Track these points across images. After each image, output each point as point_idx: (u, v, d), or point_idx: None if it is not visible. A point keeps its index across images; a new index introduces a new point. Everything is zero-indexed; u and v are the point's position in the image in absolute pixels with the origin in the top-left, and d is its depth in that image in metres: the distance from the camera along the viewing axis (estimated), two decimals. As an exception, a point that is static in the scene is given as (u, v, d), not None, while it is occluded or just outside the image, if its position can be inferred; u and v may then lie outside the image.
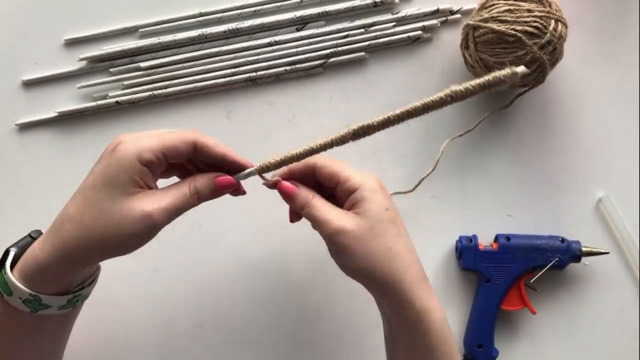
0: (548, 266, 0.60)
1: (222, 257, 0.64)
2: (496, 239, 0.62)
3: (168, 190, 0.46)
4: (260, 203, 0.61)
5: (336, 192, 0.50)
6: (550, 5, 0.56)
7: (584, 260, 0.62)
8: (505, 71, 0.39)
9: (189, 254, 0.64)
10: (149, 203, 0.44)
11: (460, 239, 0.62)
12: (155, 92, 0.64)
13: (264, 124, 0.65)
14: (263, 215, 0.63)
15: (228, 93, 0.65)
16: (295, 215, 0.53)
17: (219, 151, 0.47)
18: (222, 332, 0.63)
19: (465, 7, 0.64)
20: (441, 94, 0.41)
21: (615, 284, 0.63)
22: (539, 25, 0.56)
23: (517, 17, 0.56)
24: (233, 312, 0.63)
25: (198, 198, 0.47)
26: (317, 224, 0.48)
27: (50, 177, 0.64)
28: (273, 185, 0.50)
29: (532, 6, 0.56)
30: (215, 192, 0.48)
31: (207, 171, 0.48)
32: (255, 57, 0.64)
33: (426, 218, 0.64)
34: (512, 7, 0.56)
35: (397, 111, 0.44)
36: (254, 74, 0.64)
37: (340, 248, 0.47)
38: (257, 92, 0.65)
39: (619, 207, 0.63)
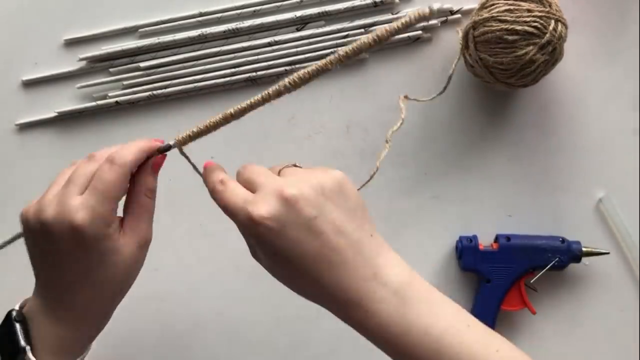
0: (548, 266, 0.60)
1: (222, 257, 0.64)
2: (496, 239, 0.62)
3: (134, 212, 0.46)
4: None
5: None
6: (550, 5, 0.56)
7: (584, 260, 0.62)
8: (416, 11, 0.37)
9: (189, 254, 0.64)
10: (135, 236, 0.45)
11: (461, 239, 0.62)
12: (155, 92, 0.64)
13: (264, 124, 0.65)
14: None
15: (228, 93, 0.65)
16: None
17: (141, 157, 0.46)
18: (222, 332, 0.63)
19: (465, 7, 0.64)
20: (366, 38, 0.39)
21: (615, 284, 0.63)
22: (539, 25, 0.55)
23: (517, 17, 0.56)
24: (233, 312, 0.63)
25: (154, 193, 0.47)
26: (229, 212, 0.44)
27: (50, 177, 0.64)
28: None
29: (532, 6, 0.56)
30: (156, 175, 0.48)
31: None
32: (255, 57, 0.64)
33: (426, 218, 0.64)
34: (512, 7, 0.56)
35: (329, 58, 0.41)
36: (254, 74, 0.64)
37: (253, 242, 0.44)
38: (257, 92, 0.65)
39: (619, 207, 0.63)
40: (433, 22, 0.64)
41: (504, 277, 0.61)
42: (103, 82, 0.64)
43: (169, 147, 0.47)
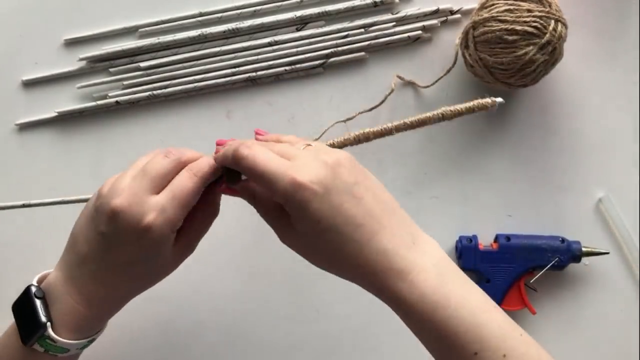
0: (548, 266, 0.60)
1: (222, 257, 0.64)
2: (496, 239, 0.62)
3: (192, 227, 0.48)
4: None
5: None
6: (550, 5, 0.56)
7: (584, 260, 0.62)
8: (485, 100, 0.41)
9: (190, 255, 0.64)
10: (187, 251, 0.48)
11: (460, 239, 0.62)
12: (155, 92, 0.64)
13: (264, 124, 0.65)
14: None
15: (228, 93, 0.65)
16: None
17: (218, 167, 0.46)
18: (222, 332, 0.63)
19: (465, 7, 0.64)
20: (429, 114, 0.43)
21: (615, 284, 0.63)
22: (539, 25, 0.56)
23: (517, 17, 0.56)
24: (233, 312, 0.63)
25: (217, 211, 0.49)
26: (267, 182, 0.42)
27: (50, 177, 0.64)
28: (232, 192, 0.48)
29: (532, 6, 0.56)
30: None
31: None
32: (255, 57, 0.64)
33: (426, 218, 0.63)
34: (512, 7, 0.56)
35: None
36: (253, 74, 0.64)
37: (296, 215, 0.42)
38: (257, 92, 0.65)
39: (619, 207, 0.63)
40: (433, 21, 0.64)
41: (503, 277, 0.61)
42: (103, 82, 0.64)
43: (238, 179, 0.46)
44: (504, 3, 0.57)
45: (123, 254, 0.45)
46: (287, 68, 0.64)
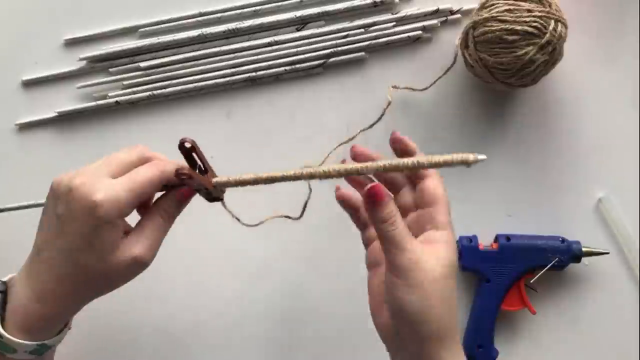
0: (548, 267, 0.60)
1: (222, 257, 0.64)
2: (496, 239, 0.62)
3: (144, 226, 0.47)
4: (260, 204, 0.61)
5: (416, 219, 0.48)
6: (550, 6, 0.56)
7: (584, 260, 0.62)
8: (461, 156, 0.43)
9: (189, 254, 0.64)
10: (135, 246, 0.46)
11: (460, 239, 0.62)
12: (155, 92, 0.64)
13: (264, 124, 0.65)
14: (263, 216, 0.63)
15: (228, 93, 0.65)
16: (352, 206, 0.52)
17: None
18: (222, 332, 0.63)
19: (465, 7, 0.64)
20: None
21: (615, 284, 0.63)
22: (539, 25, 0.56)
23: (517, 17, 0.56)
24: (233, 312, 0.63)
25: (171, 219, 0.48)
26: (397, 248, 0.44)
27: (50, 177, 0.64)
28: (357, 184, 0.49)
29: (532, 6, 0.56)
30: (181, 206, 0.49)
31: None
32: (255, 57, 0.64)
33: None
34: (512, 7, 0.56)
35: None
36: (254, 74, 0.64)
37: (415, 284, 0.44)
38: (257, 92, 0.65)
39: (619, 207, 0.63)
40: (433, 21, 0.64)
41: (503, 277, 0.61)
42: (103, 82, 0.64)
43: (205, 189, 0.47)
44: (504, 3, 0.57)
45: (72, 235, 0.44)
46: (287, 68, 0.64)
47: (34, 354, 0.47)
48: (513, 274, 0.61)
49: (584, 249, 0.61)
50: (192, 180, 0.46)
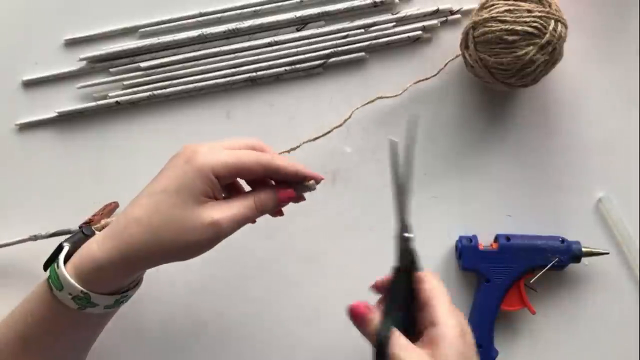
0: (548, 267, 0.60)
1: (222, 257, 0.63)
2: (496, 239, 0.62)
3: (234, 202, 0.48)
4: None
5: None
6: (550, 6, 0.56)
7: (584, 260, 0.62)
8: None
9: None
10: (218, 212, 0.46)
11: (460, 239, 0.62)
12: (155, 92, 0.64)
13: (264, 124, 0.65)
14: (263, 216, 0.63)
15: (228, 93, 0.65)
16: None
17: (291, 171, 0.50)
18: (222, 332, 0.63)
19: (465, 7, 0.64)
20: None
21: (615, 284, 0.63)
22: (539, 26, 0.56)
23: (517, 17, 0.56)
24: (233, 312, 0.63)
25: (262, 211, 0.49)
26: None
27: (50, 177, 0.64)
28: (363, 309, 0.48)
29: (532, 6, 0.56)
30: (277, 205, 0.50)
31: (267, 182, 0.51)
32: (256, 57, 0.64)
33: (426, 218, 0.63)
34: (511, 7, 0.56)
35: None
36: (254, 74, 0.64)
37: None
38: (257, 92, 0.65)
39: (619, 207, 0.63)
40: (433, 22, 0.64)
41: (503, 277, 0.61)
42: (103, 82, 0.64)
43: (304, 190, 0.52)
44: (504, 3, 0.57)
45: (165, 179, 0.46)
46: (287, 68, 0.64)
47: (77, 302, 0.47)
48: (513, 274, 0.61)
49: (584, 249, 0.61)
50: (301, 188, 0.50)
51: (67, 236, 0.51)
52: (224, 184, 0.48)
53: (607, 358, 0.63)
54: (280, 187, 0.51)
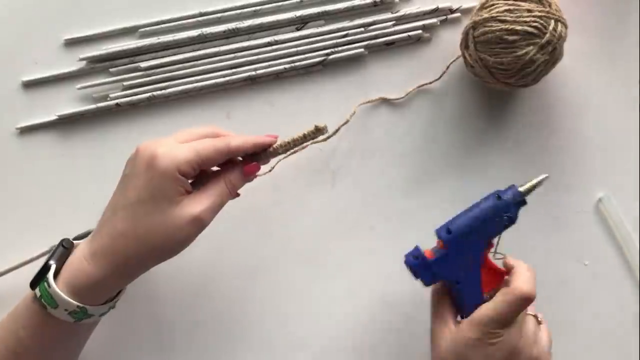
0: (502, 231, 0.54)
1: (221, 257, 0.64)
2: (438, 236, 0.54)
3: (207, 190, 0.50)
4: (260, 204, 0.62)
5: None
6: (550, 5, 0.56)
7: (584, 260, 0.62)
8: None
9: (189, 254, 0.64)
10: (195, 206, 0.48)
11: (407, 257, 0.54)
12: (155, 93, 0.64)
13: (264, 124, 0.65)
14: (263, 216, 0.63)
15: (228, 93, 0.65)
16: None
17: (249, 147, 0.51)
18: (222, 332, 0.63)
19: (465, 5, 0.64)
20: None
21: (615, 284, 0.63)
22: (539, 25, 0.55)
23: (517, 17, 0.56)
24: (233, 312, 0.63)
25: (235, 191, 0.52)
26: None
27: (51, 180, 0.64)
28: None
29: (532, 6, 0.56)
30: (247, 180, 0.53)
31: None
32: (255, 57, 0.64)
33: (426, 218, 0.62)
34: (512, 7, 0.56)
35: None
36: (253, 73, 0.64)
37: None
38: (257, 92, 0.65)
39: (619, 207, 0.63)
40: (432, 20, 0.64)
41: (468, 268, 0.53)
42: (103, 82, 0.64)
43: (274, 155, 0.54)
44: (504, 3, 0.57)
45: (134, 189, 0.47)
46: (286, 67, 0.64)
47: (73, 316, 0.48)
48: (475, 259, 0.53)
49: (521, 189, 0.54)
50: (265, 156, 0.52)
51: (48, 254, 0.51)
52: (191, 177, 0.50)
53: (607, 358, 0.63)
54: (245, 162, 0.53)
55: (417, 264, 0.53)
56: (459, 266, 0.53)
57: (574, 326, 0.63)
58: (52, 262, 0.48)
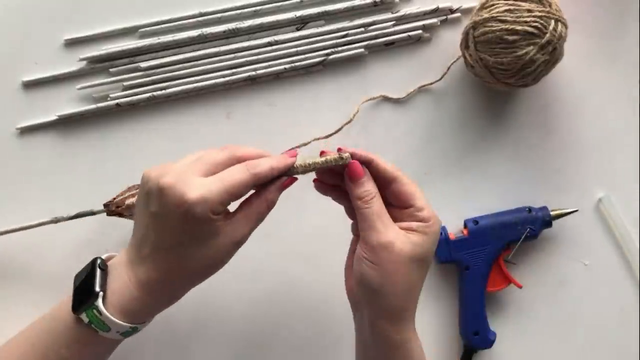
0: (522, 239, 0.60)
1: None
2: (465, 225, 0.62)
3: (246, 210, 0.48)
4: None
5: (401, 212, 0.50)
6: (550, 5, 0.56)
7: (584, 260, 0.62)
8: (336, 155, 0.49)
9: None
10: (236, 232, 0.48)
11: None
12: (155, 93, 0.64)
13: (264, 124, 0.65)
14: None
15: (228, 93, 0.65)
16: (329, 188, 0.53)
17: (275, 174, 0.49)
18: (222, 332, 0.63)
19: (465, 5, 0.64)
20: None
21: (615, 284, 0.63)
22: (539, 25, 0.55)
23: (517, 17, 0.56)
24: (233, 312, 0.63)
25: (272, 206, 0.50)
26: (368, 226, 0.48)
27: (52, 181, 0.64)
28: (339, 159, 0.49)
29: (532, 6, 0.56)
30: (281, 191, 0.51)
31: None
32: (255, 57, 0.64)
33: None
34: (512, 7, 0.56)
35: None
36: (254, 73, 0.64)
37: (378, 262, 0.47)
38: (257, 92, 0.65)
39: (619, 207, 0.63)
40: (433, 20, 0.64)
41: (481, 260, 0.61)
42: (103, 82, 0.64)
43: (294, 174, 0.50)
44: (504, 3, 0.57)
45: (172, 233, 0.46)
46: (286, 67, 0.64)
47: (124, 335, 0.49)
48: (490, 255, 0.61)
49: (552, 213, 0.61)
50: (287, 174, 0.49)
51: (84, 272, 0.50)
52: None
53: (607, 358, 0.63)
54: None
55: (439, 240, 0.58)
56: (474, 255, 0.60)
57: (574, 326, 0.63)
58: (98, 288, 0.48)
